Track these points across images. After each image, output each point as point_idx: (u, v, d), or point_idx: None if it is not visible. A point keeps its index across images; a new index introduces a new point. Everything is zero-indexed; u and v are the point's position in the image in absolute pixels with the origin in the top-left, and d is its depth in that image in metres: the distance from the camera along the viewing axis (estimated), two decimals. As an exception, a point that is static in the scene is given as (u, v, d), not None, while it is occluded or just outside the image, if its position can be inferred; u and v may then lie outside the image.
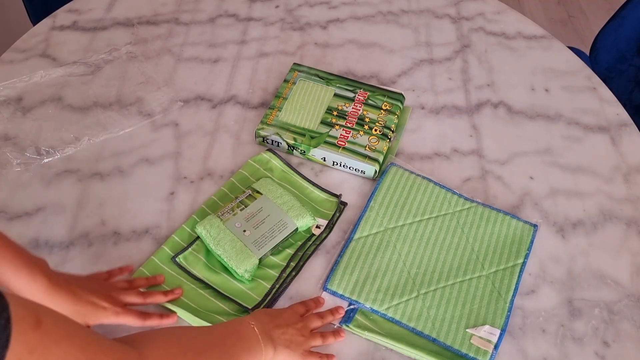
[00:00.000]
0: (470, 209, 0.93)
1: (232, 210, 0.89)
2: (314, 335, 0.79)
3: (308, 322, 0.79)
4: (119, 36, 1.17)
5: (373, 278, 0.85)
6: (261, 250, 0.85)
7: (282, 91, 1.05)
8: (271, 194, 0.91)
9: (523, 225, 0.92)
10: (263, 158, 0.98)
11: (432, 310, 0.83)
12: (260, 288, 0.85)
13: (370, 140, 0.99)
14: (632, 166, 1.02)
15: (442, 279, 0.86)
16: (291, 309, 0.81)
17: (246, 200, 0.90)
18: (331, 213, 0.92)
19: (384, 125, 1.01)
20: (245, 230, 0.87)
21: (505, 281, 0.86)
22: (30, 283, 0.69)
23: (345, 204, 0.94)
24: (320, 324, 0.81)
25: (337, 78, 1.08)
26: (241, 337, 0.71)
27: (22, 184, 0.95)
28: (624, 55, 1.35)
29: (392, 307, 0.83)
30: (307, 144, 0.98)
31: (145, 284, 0.83)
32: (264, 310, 0.80)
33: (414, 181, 0.96)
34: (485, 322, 0.82)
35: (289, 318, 0.78)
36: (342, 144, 0.98)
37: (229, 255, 0.84)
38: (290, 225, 0.88)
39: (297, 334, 0.76)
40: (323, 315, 0.82)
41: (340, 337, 0.81)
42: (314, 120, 1.01)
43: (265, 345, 0.72)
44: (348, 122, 1.01)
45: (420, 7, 1.27)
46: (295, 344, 0.76)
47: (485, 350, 0.79)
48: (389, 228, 0.90)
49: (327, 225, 0.91)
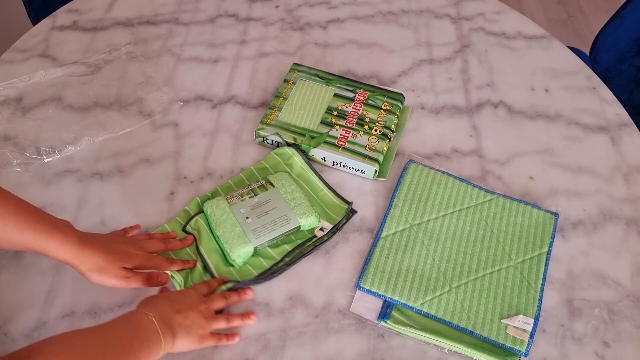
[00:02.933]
0: (492, 200, 0.95)
1: (241, 195, 0.90)
2: (217, 317, 0.78)
3: (211, 303, 0.79)
4: (119, 36, 1.17)
5: (405, 274, 0.86)
6: (258, 240, 0.86)
7: (282, 91, 1.05)
8: (283, 188, 0.91)
9: (544, 214, 0.93)
10: (286, 152, 0.99)
11: (466, 303, 0.84)
12: (247, 273, 0.86)
13: (370, 140, 0.99)
14: (632, 166, 1.02)
15: (472, 272, 0.87)
16: (194, 289, 0.81)
17: (257, 189, 0.91)
18: (339, 218, 0.92)
19: (384, 125, 1.01)
20: (248, 217, 0.88)
21: (534, 270, 0.87)
22: (64, 243, 0.75)
23: (354, 212, 0.94)
24: (224, 304, 0.80)
25: (337, 78, 1.08)
26: (139, 331, 0.70)
27: (22, 184, 0.95)
28: (624, 55, 1.35)
29: (426, 303, 0.84)
30: (307, 144, 0.98)
31: (162, 237, 0.87)
32: (164, 295, 0.78)
33: (434, 176, 0.96)
34: (519, 311, 0.83)
35: (191, 300, 0.77)
36: (342, 144, 0.98)
37: (226, 237, 0.86)
38: (293, 221, 0.88)
39: (199, 316, 0.76)
40: (227, 295, 0.81)
41: (249, 319, 0.81)
42: (314, 120, 1.01)
43: (164, 335, 0.71)
44: (348, 122, 1.01)
45: (420, 7, 1.27)
46: (196, 327, 0.75)
47: (521, 340, 0.80)
48: (414, 224, 0.91)
49: (332, 229, 0.91)
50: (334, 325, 0.83)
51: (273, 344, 0.81)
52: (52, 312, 0.82)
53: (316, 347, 0.81)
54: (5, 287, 0.84)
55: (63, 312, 0.82)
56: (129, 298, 0.84)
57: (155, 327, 0.71)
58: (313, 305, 0.85)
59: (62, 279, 0.85)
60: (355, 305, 0.84)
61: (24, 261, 0.87)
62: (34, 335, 0.80)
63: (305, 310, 0.84)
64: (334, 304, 0.85)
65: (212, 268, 0.86)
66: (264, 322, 0.83)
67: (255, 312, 0.82)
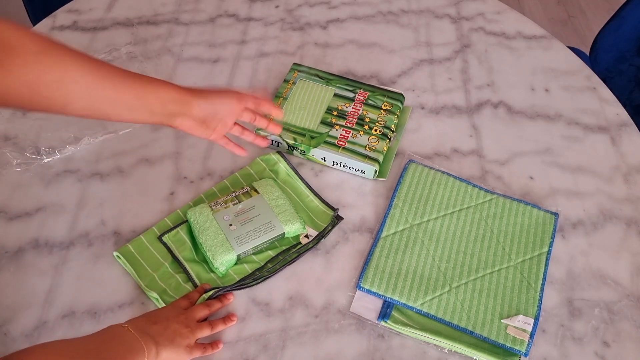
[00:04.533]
0: (492, 200, 0.95)
1: (225, 202, 0.89)
2: (201, 325, 0.78)
3: (192, 313, 0.78)
4: (119, 36, 1.17)
5: (405, 274, 0.86)
6: (241, 247, 0.86)
7: (282, 91, 1.05)
8: (267, 195, 0.91)
9: (544, 214, 0.93)
10: (271, 159, 0.98)
11: (466, 303, 0.84)
12: (229, 279, 0.86)
13: (370, 140, 0.99)
14: (632, 166, 1.02)
15: (472, 272, 0.87)
16: (171, 304, 0.80)
17: (242, 196, 0.91)
18: (324, 225, 0.92)
19: (384, 125, 1.01)
20: (231, 225, 0.87)
21: (534, 270, 0.87)
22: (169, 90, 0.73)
23: (341, 219, 0.93)
24: (207, 312, 0.80)
25: (337, 78, 1.08)
26: (118, 341, 0.68)
27: (22, 184, 0.95)
28: (624, 55, 1.35)
29: (426, 303, 0.84)
30: (307, 144, 0.98)
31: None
32: (141, 315, 0.77)
33: (433, 176, 0.97)
34: (519, 312, 0.83)
35: (169, 313, 0.76)
36: (342, 144, 0.98)
37: (209, 245, 0.85)
38: (277, 228, 0.88)
39: (180, 326, 0.75)
40: (209, 303, 0.81)
41: (231, 322, 0.80)
42: (314, 120, 1.01)
43: (146, 343, 0.69)
44: (348, 122, 1.01)
45: (420, 7, 1.27)
46: (180, 337, 0.74)
47: (521, 340, 0.80)
48: (414, 224, 0.91)
49: (317, 236, 0.90)
50: (334, 325, 0.83)
51: (273, 344, 0.81)
52: (52, 312, 0.82)
53: (316, 347, 0.81)
54: (5, 287, 0.84)
55: (63, 312, 0.82)
56: (129, 298, 0.84)
57: (134, 336, 0.69)
58: (313, 305, 0.85)
59: (62, 279, 0.85)
60: (355, 305, 0.84)
61: (24, 261, 0.87)
62: (34, 335, 0.80)
63: (305, 310, 0.84)
64: (334, 304, 0.85)
65: (194, 277, 0.85)
66: (264, 322, 0.83)
67: (235, 314, 0.82)
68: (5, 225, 0.90)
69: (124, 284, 0.85)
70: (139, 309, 0.83)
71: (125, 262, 0.86)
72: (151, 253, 0.87)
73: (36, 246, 0.88)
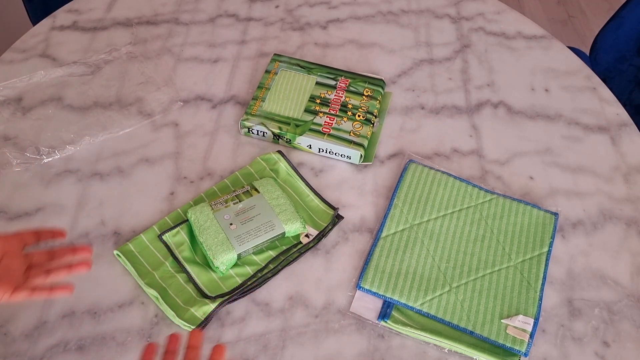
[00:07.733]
0: (492, 200, 0.95)
1: (225, 202, 0.89)
2: None
3: None
4: (118, 36, 1.17)
5: (405, 274, 0.86)
6: (242, 247, 0.86)
7: (264, 82, 1.06)
8: (268, 194, 0.91)
9: (544, 214, 0.93)
10: (272, 158, 0.99)
11: (466, 303, 0.84)
12: (231, 281, 0.85)
13: (354, 125, 1.00)
14: (632, 166, 1.02)
15: (472, 272, 0.87)
16: None
17: (242, 195, 0.91)
18: (324, 224, 0.92)
19: (367, 111, 1.02)
20: (232, 224, 0.87)
21: (534, 270, 0.87)
22: None
23: (341, 218, 0.93)
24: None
25: (318, 67, 1.09)
26: None
27: (22, 184, 0.95)
28: (624, 55, 1.35)
29: (426, 303, 0.84)
30: (292, 132, 0.99)
31: (70, 253, 0.74)
32: None
33: (433, 176, 0.97)
34: (518, 312, 0.83)
35: None
36: (326, 130, 0.99)
37: (209, 244, 0.85)
38: (277, 228, 0.88)
39: None
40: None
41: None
42: (297, 109, 1.02)
43: None
44: (331, 109, 1.03)
45: (420, 7, 1.27)
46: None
47: (521, 340, 0.80)
48: (414, 224, 0.92)
49: (317, 235, 0.90)
50: (334, 325, 0.83)
51: (273, 344, 0.81)
52: (52, 312, 0.82)
53: (316, 347, 0.81)
54: (5, 287, 0.84)
55: (63, 312, 0.82)
56: (129, 298, 0.84)
57: None
58: (313, 305, 0.85)
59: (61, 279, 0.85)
60: (355, 305, 0.84)
61: (24, 261, 0.87)
62: (34, 335, 0.80)
63: (305, 310, 0.84)
64: (333, 304, 0.85)
65: (194, 277, 0.85)
66: (264, 322, 0.83)
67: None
68: (5, 225, 0.90)
69: (124, 284, 0.85)
70: (139, 308, 0.83)
71: (126, 260, 0.86)
72: (151, 252, 0.87)
73: (36, 246, 0.88)
